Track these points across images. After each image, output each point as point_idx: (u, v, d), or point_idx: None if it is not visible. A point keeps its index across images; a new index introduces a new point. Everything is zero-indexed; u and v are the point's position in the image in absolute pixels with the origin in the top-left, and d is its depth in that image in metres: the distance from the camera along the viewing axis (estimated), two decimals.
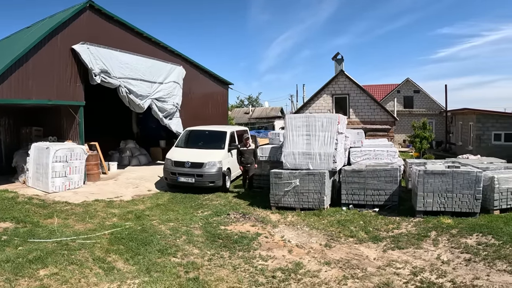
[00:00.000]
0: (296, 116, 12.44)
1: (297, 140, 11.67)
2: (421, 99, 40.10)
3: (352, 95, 22.02)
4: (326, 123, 11.62)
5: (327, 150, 11.34)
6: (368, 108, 21.85)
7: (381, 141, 15.44)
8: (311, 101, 22.54)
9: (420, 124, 26.37)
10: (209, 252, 7.39)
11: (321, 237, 8.64)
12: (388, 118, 21.79)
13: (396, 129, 32.23)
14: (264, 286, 5.96)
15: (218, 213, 10.52)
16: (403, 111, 38.48)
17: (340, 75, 22.19)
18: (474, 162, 13.50)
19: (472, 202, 10.18)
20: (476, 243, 8.13)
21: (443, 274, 6.64)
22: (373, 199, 11.28)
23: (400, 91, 40.47)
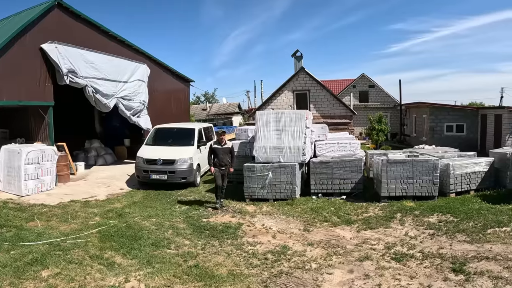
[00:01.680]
0: (266, 112, 13.06)
1: (268, 135, 12.28)
2: (376, 93, 41.61)
3: (312, 91, 22.75)
4: (295, 119, 12.32)
5: (297, 144, 12.00)
6: (328, 103, 22.65)
7: (343, 134, 16.32)
8: (273, 97, 23.14)
9: (376, 117, 27.63)
10: (200, 242, 7.84)
11: (298, 223, 9.31)
12: (346, 112, 22.69)
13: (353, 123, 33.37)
14: (260, 267, 6.53)
15: (195, 207, 10.95)
16: (359, 105, 39.77)
17: (301, 72, 22.89)
18: (430, 151, 14.65)
19: (431, 187, 11.22)
20: (438, 221, 9.16)
21: (413, 247, 7.54)
22: (340, 187, 12.10)
23: (355, 86, 41.84)
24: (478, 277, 5.98)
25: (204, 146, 15.67)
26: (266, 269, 6.43)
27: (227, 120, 40.63)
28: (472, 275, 6.08)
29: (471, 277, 6.00)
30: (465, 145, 23.71)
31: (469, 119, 27.20)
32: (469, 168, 11.84)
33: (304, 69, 22.83)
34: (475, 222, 8.78)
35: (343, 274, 6.23)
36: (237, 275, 6.15)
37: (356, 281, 5.96)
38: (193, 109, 48.82)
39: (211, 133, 17.95)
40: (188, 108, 25.75)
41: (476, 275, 6.05)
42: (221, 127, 26.18)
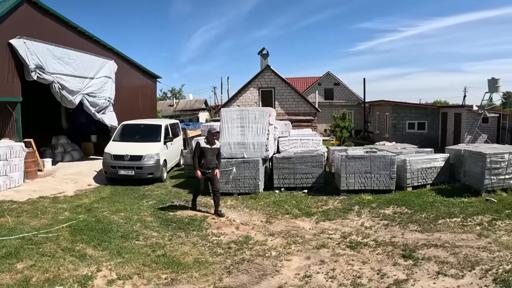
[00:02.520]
0: (231, 109, 13.50)
1: (232, 131, 12.67)
2: (341, 91, 42.66)
3: (277, 89, 23.32)
4: (258, 116, 12.76)
5: (260, 140, 12.46)
6: (292, 100, 23.25)
7: (306, 131, 16.91)
8: (239, 94, 23.58)
9: (340, 115, 28.46)
10: (167, 234, 8.24)
11: (261, 216, 9.79)
12: (311, 110, 23.33)
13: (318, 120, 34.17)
14: (223, 255, 6.99)
15: (162, 201, 11.30)
16: (324, 103, 40.74)
17: (266, 70, 23.42)
18: (389, 147, 15.33)
19: (388, 181, 11.85)
20: (393, 212, 9.77)
21: (367, 236, 8.11)
22: (302, 182, 12.59)
23: (321, 84, 42.80)
24: (426, 262, 6.51)
25: (170, 142, 16.00)
26: (229, 257, 6.90)
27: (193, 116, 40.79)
28: (420, 260, 6.60)
29: (419, 262, 6.53)
30: (427, 142, 24.85)
31: (431, 117, 28.35)
32: (425, 164, 12.49)
33: (270, 67, 23.36)
34: (428, 214, 9.42)
35: (301, 261, 6.74)
36: (202, 262, 6.60)
37: (312, 266, 6.48)
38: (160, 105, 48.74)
39: (177, 129, 18.29)
40: (155, 104, 25.94)
41: (424, 260, 6.57)
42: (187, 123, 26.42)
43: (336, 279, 6.00)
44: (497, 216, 8.85)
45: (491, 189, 10.84)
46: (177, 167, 17.79)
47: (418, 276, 6.01)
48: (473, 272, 6.05)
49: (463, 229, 8.24)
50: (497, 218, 8.70)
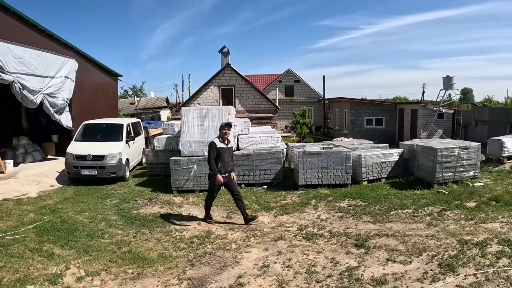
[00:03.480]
0: (191, 108, 13.84)
1: (193, 130, 12.94)
2: (301, 88, 43.47)
3: (237, 86, 23.70)
4: (218, 114, 13.06)
5: None
6: (252, 98, 23.68)
7: (266, 128, 17.28)
8: (199, 92, 23.83)
9: (300, 111, 29.16)
10: (131, 231, 8.55)
11: (222, 212, 10.21)
12: (270, 107, 23.81)
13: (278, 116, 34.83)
14: (186, 249, 7.39)
15: (126, 200, 11.50)
16: (284, 100, 41.46)
17: (227, 68, 23.75)
18: (346, 143, 15.90)
19: (344, 176, 12.38)
20: (348, 205, 10.28)
21: (323, 228, 8.60)
22: (262, 178, 13.01)
23: (281, 81, 43.51)
24: (376, 250, 6.93)
25: (132, 141, 16.17)
26: (192, 251, 7.28)
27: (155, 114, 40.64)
28: (372, 249, 7.02)
29: (370, 250, 6.96)
30: (384, 137, 25.79)
31: (388, 113, 29.39)
32: (380, 159, 13.08)
33: (230, 65, 23.71)
34: (381, 206, 9.93)
35: (259, 252, 7.17)
36: (166, 257, 6.96)
37: (270, 257, 6.90)
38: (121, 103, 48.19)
39: (139, 128, 18.40)
40: (116, 103, 25.89)
41: (375, 249, 6.98)
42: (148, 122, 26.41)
43: (292, 267, 6.41)
44: (446, 206, 9.44)
45: (443, 181, 11.42)
46: (139, 166, 17.93)
47: (369, 263, 6.40)
48: (420, 258, 6.47)
49: (414, 219, 8.77)
50: (447, 209, 9.28)
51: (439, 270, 5.97)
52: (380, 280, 5.75)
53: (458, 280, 5.58)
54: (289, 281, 5.92)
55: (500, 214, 8.53)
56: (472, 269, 5.87)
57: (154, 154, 15.20)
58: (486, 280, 5.47)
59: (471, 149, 11.84)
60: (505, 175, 12.57)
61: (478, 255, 6.38)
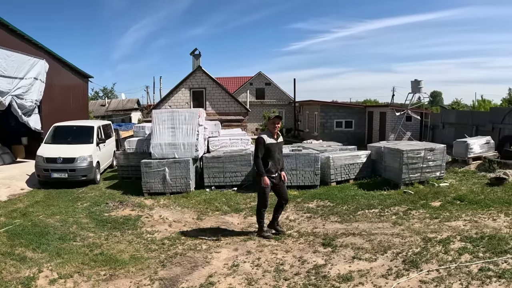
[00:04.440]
0: (162, 111, 14.03)
1: (163, 132, 13.12)
2: (272, 91, 43.98)
3: (208, 89, 23.85)
4: (188, 117, 13.30)
5: (190, 140, 12.99)
6: (223, 101, 23.87)
7: (236, 130, 17.49)
8: (170, 95, 23.89)
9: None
10: (103, 234, 8.67)
11: (193, 213, 10.39)
12: (241, 110, 24.04)
13: (249, 119, 35.15)
14: (157, 250, 7.57)
15: (97, 203, 11.52)
16: (255, 102, 41.87)
17: (198, 71, 23.87)
18: (315, 146, 16.29)
19: (313, 177, 12.77)
20: (316, 206, 10.60)
21: (291, 228, 8.86)
22: (231, 180, 13.21)
23: (252, 84, 43.90)
24: (343, 249, 7.13)
25: (103, 144, 16.13)
26: (163, 252, 7.46)
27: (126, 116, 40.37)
28: (338, 247, 7.23)
29: (337, 249, 7.19)
30: (354, 139, 26.36)
31: (357, 116, 30.02)
32: (348, 160, 13.51)
33: (201, 68, 23.87)
34: (349, 206, 10.27)
35: (229, 252, 7.38)
36: (138, 258, 7.13)
37: (239, 256, 7.12)
38: (92, 105, 47.62)
39: (110, 130, 18.36)
40: (87, 105, 25.75)
41: (342, 247, 7.21)
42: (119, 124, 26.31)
43: (261, 266, 6.62)
44: (412, 206, 9.79)
45: (409, 182, 11.88)
46: (110, 169, 17.93)
47: (335, 261, 6.61)
48: (385, 255, 6.72)
49: (380, 218, 9.08)
50: (412, 208, 9.63)
51: (403, 266, 6.22)
52: (346, 277, 5.98)
53: (421, 275, 5.83)
54: (258, 280, 6.13)
55: (463, 213, 8.92)
56: (435, 265, 6.14)
57: (125, 156, 15.24)
58: (448, 275, 5.72)
59: (437, 151, 12.35)
60: (470, 175, 13.08)
61: (441, 251, 6.66)
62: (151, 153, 13.08)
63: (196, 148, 13.02)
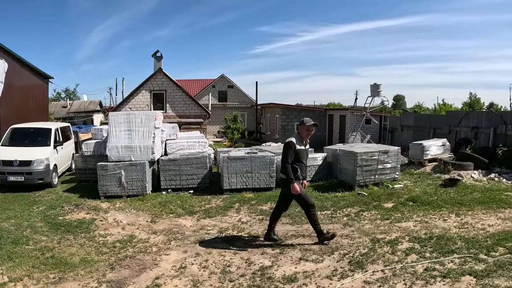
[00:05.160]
0: (118, 113, 14.07)
1: (120, 135, 13.18)
2: (235, 93, 44.35)
3: (169, 91, 23.93)
4: (144, 119, 13.41)
5: (146, 143, 13.12)
6: (183, 103, 24.00)
7: (194, 133, 17.74)
8: (131, 97, 23.87)
9: (232, 117, 29.89)
10: (56, 237, 8.76)
11: (147, 216, 10.56)
12: (201, 112, 24.23)
13: (211, 121, 35.52)
14: (108, 253, 7.74)
15: (53, 207, 11.51)
16: (217, 105, 42.17)
17: (159, 73, 23.93)
18: (273, 148, 16.62)
19: (268, 179, 13.01)
20: (270, 208, 10.70)
21: (242, 230, 9.09)
22: (188, 183, 13.40)
23: (215, 86, 44.16)
24: (291, 250, 7.29)
25: (61, 146, 16.10)
26: (113, 255, 7.64)
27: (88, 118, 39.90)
28: (287, 249, 7.42)
29: (285, 250, 7.40)
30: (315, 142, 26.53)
31: (318, 119, 30.20)
32: None
33: (162, 70, 23.97)
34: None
35: (178, 254, 7.61)
36: (88, 261, 7.30)
37: (188, 259, 7.34)
38: (53, 106, 46.89)
39: (68, 132, 18.23)
40: (46, 106, 25.50)
41: (290, 249, 7.39)
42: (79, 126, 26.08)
43: (208, 268, 6.84)
44: (365, 207, 10.10)
45: (364, 184, 12.35)
46: (69, 172, 17.85)
47: (282, 263, 6.76)
48: (332, 256, 6.91)
49: (331, 220, 9.36)
50: (365, 210, 9.94)
51: (349, 267, 6.41)
52: (291, 278, 6.19)
53: (366, 276, 6.05)
54: (204, 281, 6.35)
55: (415, 214, 9.27)
56: (381, 266, 6.32)
57: (82, 159, 15.19)
58: (393, 275, 5.93)
59: (391, 153, 12.91)
60: (425, 177, 13.64)
61: (388, 252, 6.89)
62: (107, 155, 13.11)
63: (153, 150, 13.14)
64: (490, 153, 14.75)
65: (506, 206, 9.67)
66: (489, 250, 6.64)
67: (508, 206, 9.63)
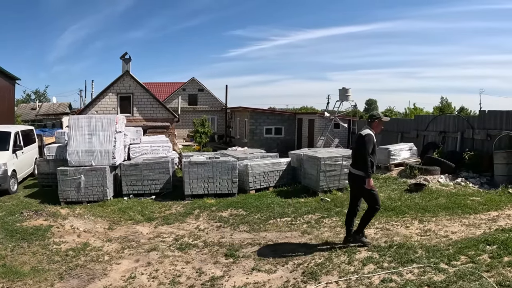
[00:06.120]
0: (79, 117, 13.98)
1: (80, 139, 13.08)
2: (205, 97, 44.46)
3: (136, 95, 23.74)
4: (105, 123, 13.33)
5: (107, 148, 13.07)
6: (150, 106, 23.84)
7: (159, 137, 17.62)
8: (97, 99, 23.57)
9: (200, 121, 29.95)
10: (10, 245, 8.69)
11: (105, 223, 10.54)
12: (169, 116, 24.13)
13: (181, 125, 35.51)
14: (59, 262, 7.73)
15: (12, 212, 11.35)
16: (187, 108, 42.22)
17: (126, 75, 23.69)
18: (238, 153, 16.53)
19: (230, 185, 13.02)
20: (229, 215, 10.85)
21: (198, 238, 9.08)
22: (150, 188, 13.38)
23: (185, 89, 44.21)
24: (245, 259, 7.27)
25: (21, 151, 15.51)
26: (65, 264, 7.63)
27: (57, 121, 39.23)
28: (240, 258, 7.38)
29: (239, 259, 7.30)
30: (284, 146, 27.04)
31: (287, 123, 30.81)
32: (267, 168, 13.79)
33: (129, 73, 23.75)
34: (262, 215, 10.49)
35: (130, 263, 7.63)
36: (38, 270, 7.29)
37: (138, 268, 7.36)
38: (22, 108, 46.01)
39: (31, 136, 17.78)
40: (13, 108, 25.02)
41: (244, 258, 7.34)
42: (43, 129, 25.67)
43: (158, 278, 6.86)
44: (326, 214, 10.00)
45: (327, 189, 12.33)
46: (32, 177, 17.47)
47: (233, 273, 6.72)
48: (286, 266, 6.77)
49: (290, 227, 9.25)
50: (326, 216, 9.83)
51: (302, 278, 6.25)
52: None
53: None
54: None
55: (377, 220, 8.91)
56: (335, 277, 6.14)
57: (45, 164, 14.97)
58: (347, 287, 5.78)
59: None
60: (391, 181, 13.60)
61: (344, 262, 6.68)
62: (68, 160, 12.97)
63: (113, 155, 13.09)
64: (457, 157, 14.78)
65: (471, 211, 9.37)
66: (450, 259, 6.33)
67: (473, 212, 9.33)
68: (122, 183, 13.41)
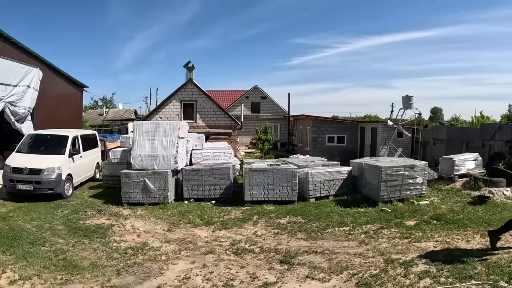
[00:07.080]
0: (143, 122, 14.29)
1: (144, 144, 13.39)
2: (268, 104, 44.45)
3: (199, 102, 24.09)
4: (168, 129, 13.58)
5: (169, 152, 13.27)
6: (213, 113, 24.09)
7: (221, 144, 17.71)
8: (162, 106, 24.14)
9: (262, 128, 29.96)
10: (72, 240, 8.96)
11: (165, 225, 10.64)
12: (231, 123, 24.28)
13: (244, 132, 35.71)
14: (118, 259, 7.86)
15: (76, 211, 11.79)
16: (250, 116, 42.30)
17: (189, 83, 24.13)
18: (299, 161, 16.31)
19: (290, 192, 12.80)
20: (287, 222, 10.69)
21: (255, 243, 8.99)
22: (210, 193, 13.41)
23: (248, 97, 44.35)
24: (300, 267, 7.16)
25: (79, 155, 15.34)
26: (123, 261, 7.74)
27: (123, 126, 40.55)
28: (295, 265, 7.27)
29: (294, 267, 7.23)
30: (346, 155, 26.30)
31: (349, 131, 30.14)
32: (328, 176, 13.52)
33: (192, 80, 24.16)
34: (320, 223, 10.33)
35: (186, 264, 7.62)
36: (97, 265, 7.43)
37: (194, 269, 7.34)
38: (89, 114, 47.97)
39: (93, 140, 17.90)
40: (80, 114, 25.96)
41: (299, 266, 7.23)
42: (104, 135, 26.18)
43: (212, 280, 6.80)
44: (385, 225, 9.80)
45: (388, 199, 11.92)
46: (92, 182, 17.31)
47: (287, 280, 6.65)
48: (340, 276, 6.69)
49: (348, 237, 9.07)
50: (385, 227, 9.64)
51: None
52: None
53: None
54: None
55: (437, 233, 8.80)
56: None
57: (109, 166, 15.41)
58: None
59: (418, 168, 12.40)
60: (454, 193, 13.06)
61: (400, 274, 6.54)
62: (131, 163, 13.27)
63: (176, 160, 13.23)
64: None
65: None
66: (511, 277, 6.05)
67: None
68: (183, 187, 13.55)
